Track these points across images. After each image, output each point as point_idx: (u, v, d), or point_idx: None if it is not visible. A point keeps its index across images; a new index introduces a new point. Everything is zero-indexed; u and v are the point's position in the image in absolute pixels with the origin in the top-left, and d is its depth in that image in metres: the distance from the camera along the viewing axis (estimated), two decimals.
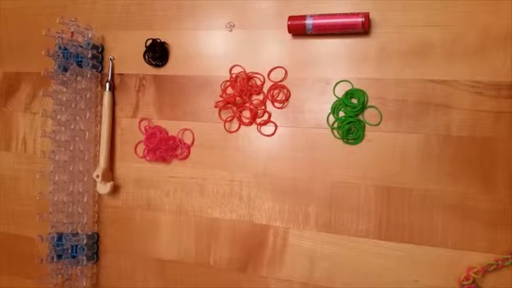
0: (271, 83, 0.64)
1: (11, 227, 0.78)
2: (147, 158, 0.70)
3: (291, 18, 0.61)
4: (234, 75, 0.66)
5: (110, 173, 0.71)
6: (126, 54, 0.72)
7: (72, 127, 0.69)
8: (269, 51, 0.65)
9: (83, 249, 0.68)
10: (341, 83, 0.61)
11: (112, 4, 0.73)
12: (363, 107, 0.60)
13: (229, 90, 0.66)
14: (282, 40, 0.64)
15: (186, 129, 0.68)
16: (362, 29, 0.58)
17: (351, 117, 0.60)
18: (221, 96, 0.66)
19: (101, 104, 0.71)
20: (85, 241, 0.69)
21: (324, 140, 0.62)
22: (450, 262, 0.56)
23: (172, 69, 0.70)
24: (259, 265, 0.64)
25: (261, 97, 0.65)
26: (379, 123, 0.60)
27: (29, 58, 0.77)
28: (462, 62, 0.57)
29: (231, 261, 0.66)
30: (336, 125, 0.61)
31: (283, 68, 0.64)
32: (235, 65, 0.66)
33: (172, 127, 0.69)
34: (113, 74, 0.72)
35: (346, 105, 0.60)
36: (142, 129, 0.70)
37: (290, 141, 0.64)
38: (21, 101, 0.78)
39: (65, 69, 0.68)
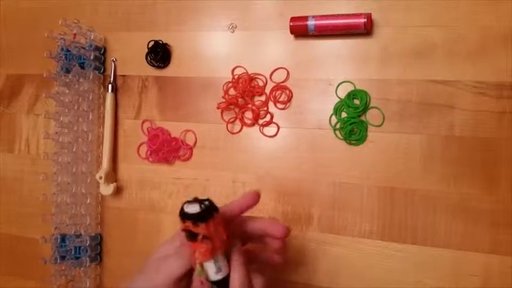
0: (274, 84, 0.64)
1: (14, 228, 0.79)
2: (150, 159, 0.70)
3: (293, 19, 0.61)
4: (236, 77, 0.66)
5: (112, 174, 0.71)
6: (128, 56, 0.72)
7: (75, 129, 0.69)
8: (271, 52, 0.65)
9: (86, 250, 0.69)
10: (343, 84, 0.61)
11: (114, 6, 0.73)
12: (366, 107, 0.60)
13: (232, 92, 0.66)
14: (284, 41, 0.64)
15: (188, 131, 0.68)
16: (364, 29, 0.58)
17: (353, 118, 0.60)
18: (223, 97, 0.66)
19: (104, 106, 0.71)
20: (88, 242, 0.69)
21: (326, 141, 0.62)
22: (453, 263, 0.56)
23: (175, 71, 0.70)
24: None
25: (263, 98, 0.65)
26: (381, 124, 0.60)
27: (32, 60, 0.77)
28: (464, 63, 0.57)
29: None
30: (338, 126, 0.61)
31: (285, 69, 0.64)
32: (237, 66, 0.66)
33: (175, 128, 0.69)
34: (115, 76, 0.72)
35: (349, 106, 0.60)
36: (145, 130, 0.70)
37: (292, 142, 0.64)
38: (24, 102, 0.78)
39: (68, 71, 0.68)
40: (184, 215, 0.39)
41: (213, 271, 0.39)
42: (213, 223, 0.39)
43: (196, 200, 0.40)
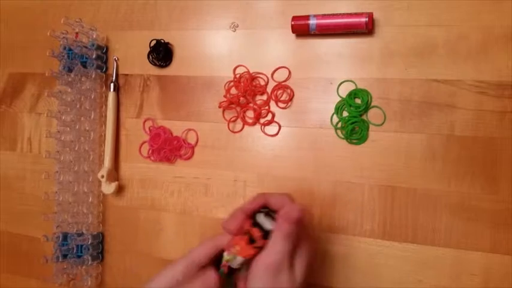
0: (275, 83, 0.65)
1: (16, 226, 0.79)
2: (152, 158, 0.70)
3: (294, 18, 0.61)
4: (237, 76, 0.66)
5: (114, 173, 0.71)
6: (130, 55, 0.72)
7: (77, 127, 0.69)
8: (273, 52, 0.65)
9: (88, 248, 0.69)
10: (345, 83, 0.62)
11: (116, 5, 0.73)
12: (367, 107, 0.60)
13: (233, 91, 0.66)
14: (286, 40, 0.64)
15: (190, 130, 0.69)
16: (366, 29, 0.58)
17: (354, 117, 0.60)
18: (225, 96, 0.66)
19: (106, 105, 0.72)
20: (90, 241, 0.69)
21: (327, 140, 0.62)
22: (454, 262, 0.57)
23: (177, 70, 0.70)
24: None
25: (264, 97, 0.65)
26: (383, 123, 0.60)
27: (34, 59, 0.78)
28: (466, 62, 0.57)
29: None
30: (339, 125, 0.61)
31: (286, 68, 0.64)
32: (239, 65, 0.66)
33: (177, 127, 0.69)
34: (117, 75, 0.73)
35: (350, 105, 0.61)
36: (147, 129, 0.71)
37: (294, 141, 0.64)
38: (26, 101, 0.78)
39: (70, 70, 0.69)
40: (257, 225, 0.47)
41: (237, 263, 0.46)
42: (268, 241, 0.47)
43: (273, 217, 0.47)
